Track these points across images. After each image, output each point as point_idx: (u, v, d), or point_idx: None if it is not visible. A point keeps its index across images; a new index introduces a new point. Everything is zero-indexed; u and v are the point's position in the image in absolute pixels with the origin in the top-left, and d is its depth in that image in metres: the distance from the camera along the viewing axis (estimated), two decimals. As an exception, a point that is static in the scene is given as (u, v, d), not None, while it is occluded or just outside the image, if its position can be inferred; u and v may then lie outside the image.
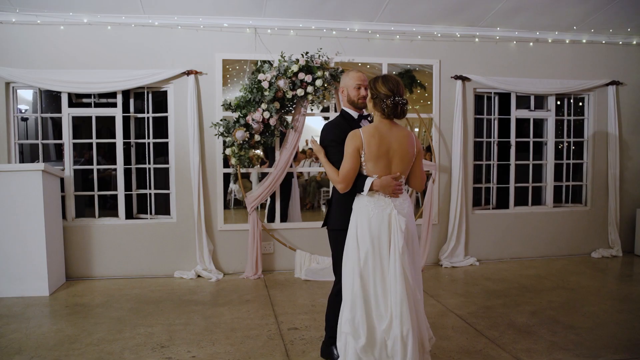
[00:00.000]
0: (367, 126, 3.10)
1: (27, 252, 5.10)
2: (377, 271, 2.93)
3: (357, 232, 3.01)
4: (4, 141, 5.58)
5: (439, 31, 6.24)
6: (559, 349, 3.74)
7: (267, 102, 5.52)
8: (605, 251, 6.79)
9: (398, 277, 2.85)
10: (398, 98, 2.96)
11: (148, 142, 5.99)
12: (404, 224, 2.93)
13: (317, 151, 3.30)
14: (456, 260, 6.34)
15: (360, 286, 2.94)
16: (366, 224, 2.98)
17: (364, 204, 3.03)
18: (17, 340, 3.93)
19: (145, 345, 3.85)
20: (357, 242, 2.99)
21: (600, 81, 6.72)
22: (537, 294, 5.14)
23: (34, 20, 5.48)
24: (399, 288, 2.84)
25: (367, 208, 3.00)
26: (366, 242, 2.95)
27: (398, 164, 3.03)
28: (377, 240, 2.94)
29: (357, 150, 2.99)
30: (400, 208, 3.00)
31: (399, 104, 2.97)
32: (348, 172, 3.01)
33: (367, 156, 2.99)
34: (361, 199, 3.06)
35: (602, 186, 6.89)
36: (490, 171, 6.76)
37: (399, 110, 2.98)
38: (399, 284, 2.85)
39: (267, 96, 5.49)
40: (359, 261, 2.96)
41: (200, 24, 5.76)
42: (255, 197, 5.75)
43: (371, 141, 2.98)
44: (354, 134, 3.01)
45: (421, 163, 3.17)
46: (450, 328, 4.19)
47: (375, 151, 2.98)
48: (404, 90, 3.05)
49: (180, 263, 5.89)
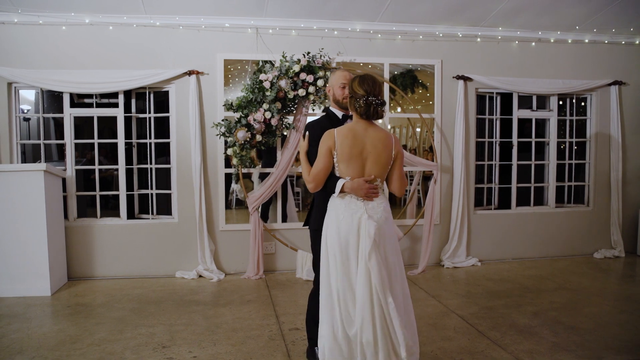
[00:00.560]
0: (342, 126, 3.02)
1: (29, 252, 5.11)
2: (345, 276, 2.85)
3: (327, 235, 2.95)
4: (6, 141, 5.59)
5: (441, 31, 6.23)
6: (561, 350, 3.73)
7: (269, 102, 5.51)
8: (608, 252, 6.77)
9: (360, 284, 2.79)
10: (372, 98, 2.87)
11: (150, 142, 6.00)
12: (372, 230, 2.80)
13: (301, 147, 3.23)
14: (458, 260, 6.33)
15: (330, 290, 2.90)
16: (335, 227, 2.90)
17: (335, 206, 2.95)
18: (18, 340, 3.94)
19: (147, 345, 3.85)
20: (327, 244, 2.93)
21: (602, 81, 6.71)
22: (539, 295, 5.12)
23: (36, 20, 5.49)
24: (359, 294, 2.78)
25: (338, 210, 2.92)
26: (334, 245, 2.88)
27: (372, 167, 2.93)
28: (345, 244, 2.85)
29: (330, 151, 2.92)
30: (373, 212, 2.88)
31: (372, 104, 2.87)
32: (318, 172, 2.95)
33: (340, 157, 2.91)
34: (333, 200, 2.98)
35: (605, 186, 6.87)
36: (492, 171, 6.75)
37: (371, 111, 2.89)
38: (359, 291, 2.78)
39: (269, 96, 5.49)
40: (327, 264, 2.91)
41: (201, 24, 5.76)
42: (257, 197, 5.75)
43: (344, 142, 2.89)
44: (328, 133, 2.94)
45: (401, 166, 3.05)
46: (452, 329, 4.19)
47: (348, 152, 2.90)
48: (381, 90, 2.95)
49: (181, 263, 5.89)
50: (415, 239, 6.32)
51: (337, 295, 2.87)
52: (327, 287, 2.91)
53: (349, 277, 2.85)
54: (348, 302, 2.84)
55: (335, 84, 3.33)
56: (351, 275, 2.84)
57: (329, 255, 2.91)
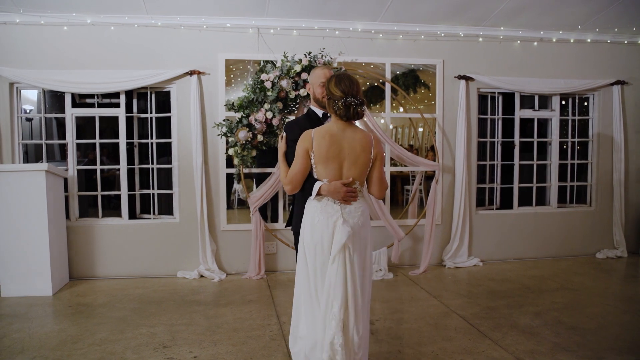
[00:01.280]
0: (320, 127, 2.93)
1: (31, 252, 5.12)
2: (318, 278, 2.83)
3: (303, 238, 2.92)
4: (8, 141, 5.60)
5: (443, 31, 6.22)
6: (562, 351, 3.72)
7: (270, 102, 5.51)
8: (610, 252, 6.75)
9: (326, 287, 2.79)
10: (350, 99, 2.77)
11: (151, 142, 6.00)
12: (345, 237, 2.74)
13: (280, 147, 3.15)
14: (459, 260, 6.32)
15: (302, 292, 2.90)
16: (309, 230, 2.87)
17: (312, 209, 2.90)
18: (19, 340, 3.94)
19: (148, 345, 3.85)
20: (304, 248, 2.90)
21: (605, 81, 6.69)
22: (540, 295, 5.11)
23: (38, 20, 5.50)
24: (323, 298, 2.80)
25: (314, 214, 2.87)
26: (310, 248, 2.85)
27: (350, 168, 2.85)
28: (320, 247, 2.81)
29: (307, 152, 2.84)
30: (350, 217, 2.82)
31: (351, 105, 2.78)
32: (295, 174, 2.87)
33: (317, 158, 2.83)
34: (310, 203, 2.92)
35: (607, 186, 6.85)
36: (494, 171, 6.74)
37: (351, 112, 2.80)
38: (324, 294, 2.80)
39: (270, 96, 5.48)
40: (305, 267, 2.89)
41: (203, 24, 5.76)
42: (258, 198, 5.75)
43: (321, 142, 2.81)
44: (305, 134, 2.86)
45: (380, 168, 2.96)
46: (453, 329, 4.18)
47: (325, 153, 2.81)
48: (359, 89, 2.83)
49: (183, 263, 5.89)
50: (416, 239, 6.31)
51: (310, 297, 2.87)
52: (306, 289, 2.89)
53: (322, 280, 2.82)
54: (322, 305, 2.83)
55: (315, 82, 3.26)
56: (323, 279, 2.82)
57: (306, 257, 2.88)
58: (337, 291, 2.75)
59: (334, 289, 2.76)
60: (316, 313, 2.84)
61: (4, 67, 5.48)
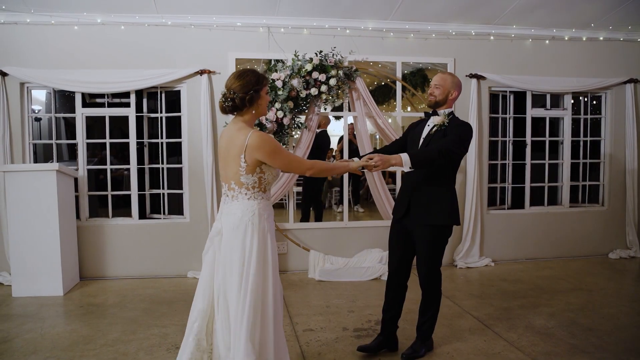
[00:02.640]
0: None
1: (42, 252, 5.11)
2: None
3: None
4: (19, 141, 5.60)
5: (454, 29, 6.17)
6: (579, 352, 3.67)
7: (281, 101, 5.48)
8: (623, 252, 6.68)
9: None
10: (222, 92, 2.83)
11: (161, 142, 5.98)
12: (211, 233, 2.90)
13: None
14: (471, 260, 6.27)
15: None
16: None
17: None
18: (32, 340, 3.93)
19: (160, 346, 3.83)
20: None
21: (617, 79, 6.62)
22: (554, 296, 5.06)
23: (48, 20, 5.49)
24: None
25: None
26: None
27: (223, 167, 2.89)
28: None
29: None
30: (225, 216, 2.84)
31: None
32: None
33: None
34: None
35: (620, 186, 6.78)
36: (505, 171, 6.68)
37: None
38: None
39: (281, 95, 5.45)
40: None
41: (213, 23, 5.74)
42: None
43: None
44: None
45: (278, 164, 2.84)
46: (467, 330, 4.14)
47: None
48: (231, 82, 2.79)
49: (193, 263, 5.87)
50: (427, 239, 6.26)
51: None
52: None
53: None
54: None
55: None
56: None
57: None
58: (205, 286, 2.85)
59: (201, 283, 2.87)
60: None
61: (15, 67, 5.48)
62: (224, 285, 2.75)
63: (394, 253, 3.65)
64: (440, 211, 3.45)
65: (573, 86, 6.52)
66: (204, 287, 2.86)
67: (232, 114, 2.83)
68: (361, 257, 5.90)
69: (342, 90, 5.83)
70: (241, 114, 2.81)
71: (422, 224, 3.46)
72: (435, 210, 3.44)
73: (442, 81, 3.55)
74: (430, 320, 3.61)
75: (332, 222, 7.02)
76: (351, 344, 3.84)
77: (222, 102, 2.79)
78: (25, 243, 5.10)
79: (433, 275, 3.53)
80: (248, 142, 2.68)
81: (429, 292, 3.57)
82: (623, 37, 6.55)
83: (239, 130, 2.76)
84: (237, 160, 2.73)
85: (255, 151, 2.69)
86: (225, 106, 2.78)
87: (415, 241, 3.52)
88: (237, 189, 2.77)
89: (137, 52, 5.70)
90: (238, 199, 2.77)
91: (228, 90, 2.76)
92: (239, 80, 2.75)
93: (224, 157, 2.83)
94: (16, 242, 5.11)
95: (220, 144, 2.90)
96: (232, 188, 2.79)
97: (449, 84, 3.55)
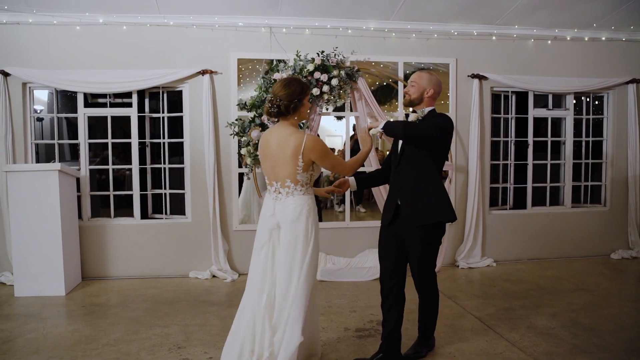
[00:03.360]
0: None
1: (44, 252, 5.12)
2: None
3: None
4: (21, 141, 5.61)
5: (456, 29, 6.17)
6: (581, 353, 3.66)
7: (283, 101, 5.47)
8: (625, 252, 6.67)
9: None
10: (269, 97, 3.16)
11: (163, 142, 5.99)
12: (268, 228, 3.14)
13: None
14: (473, 261, 6.27)
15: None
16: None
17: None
18: (34, 340, 3.94)
19: (162, 346, 3.83)
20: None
21: (620, 79, 6.61)
22: (556, 296, 5.05)
23: (51, 20, 5.50)
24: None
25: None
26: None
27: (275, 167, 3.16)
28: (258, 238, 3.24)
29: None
30: (280, 212, 3.12)
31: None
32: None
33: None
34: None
35: (622, 186, 6.78)
36: (507, 171, 6.68)
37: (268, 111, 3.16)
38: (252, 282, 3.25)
39: (283, 95, 5.44)
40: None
41: (215, 23, 5.74)
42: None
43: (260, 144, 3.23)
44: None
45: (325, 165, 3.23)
46: (469, 330, 4.13)
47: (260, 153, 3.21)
48: (278, 90, 3.09)
49: (195, 263, 5.88)
50: (429, 239, 6.25)
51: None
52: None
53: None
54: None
55: None
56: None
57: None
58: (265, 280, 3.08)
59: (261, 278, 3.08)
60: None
61: (17, 67, 5.49)
62: (289, 272, 3.03)
63: (385, 260, 3.49)
64: (430, 209, 3.31)
65: (575, 86, 6.52)
66: (262, 278, 3.11)
67: (275, 118, 3.14)
68: (363, 257, 5.90)
69: (344, 91, 5.83)
70: (286, 118, 3.12)
71: (414, 225, 3.31)
72: (425, 208, 3.30)
73: (417, 79, 3.38)
74: (431, 320, 3.58)
75: (334, 222, 7.02)
76: (353, 344, 3.84)
77: (268, 108, 3.10)
78: (28, 243, 5.10)
79: (429, 278, 3.43)
80: (305, 144, 3.02)
81: (427, 295, 3.50)
82: (625, 37, 6.55)
83: (291, 134, 3.06)
84: (294, 160, 3.04)
85: (310, 152, 3.05)
86: (271, 111, 3.10)
87: (408, 244, 3.37)
88: (293, 186, 3.09)
89: (139, 52, 5.71)
90: (294, 194, 3.10)
91: (275, 97, 3.06)
92: (285, 89, 3.06)
93: (276, 158, 3.10)
94: (18, 242, 5.12)
95: (266, 145, 3.14)
96: (287, 185, 3.09)
97: (424, 82, 3.36)
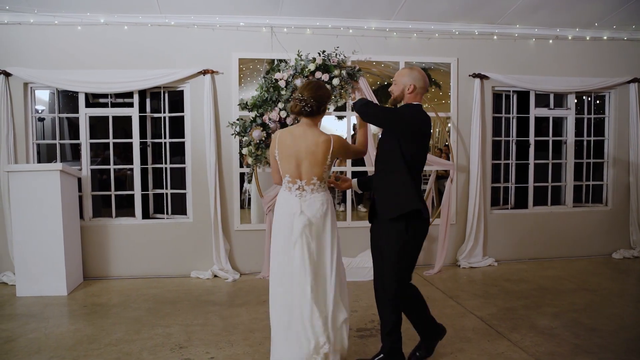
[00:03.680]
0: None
1: (46, 252, 5.13)
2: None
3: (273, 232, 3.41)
4: (23, 141, 5.62)
5: (457, 29, 6.16)
6: (583, 353, 3.66)
7: (284, 101, 5.48)
8: (627, 252, 6.66)
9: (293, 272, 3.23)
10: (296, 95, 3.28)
11: (164, 142, 5.99)
12: (301, 225, 3.15)
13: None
14: (474, 260, 6.26)
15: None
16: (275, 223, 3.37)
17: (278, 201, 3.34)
18: (36, 339, 3.95)
19: (164, 345, 3.83)
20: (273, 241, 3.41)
21: (621, 79, 6.60)
22: (558, 296, 5.05)
23: (52, 20, 5.50)
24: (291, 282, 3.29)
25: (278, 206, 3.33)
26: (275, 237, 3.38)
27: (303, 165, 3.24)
28: (282, 236, 3.28)
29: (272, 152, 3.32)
30: (308, 208, 3.19)
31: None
32: (272, 172, 3.50)
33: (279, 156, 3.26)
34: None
35: (624, 186, 6.77)
36: (508, 170, 6.67)
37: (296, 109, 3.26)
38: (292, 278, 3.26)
39: (284, 95, 5.45)
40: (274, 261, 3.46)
41: (216, 23, 5.74)
42: (272, 197, 5.72)
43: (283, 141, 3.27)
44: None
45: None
46: (471, 330, 4.13)
47: (285, 151, 3.24)
48: (313, 92, 3.22)
49: (196, 263, 5.88)
50: (431, 239, 6.25)
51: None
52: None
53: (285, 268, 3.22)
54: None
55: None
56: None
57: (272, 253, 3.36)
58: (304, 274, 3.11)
59: (299, 274, 3.12)
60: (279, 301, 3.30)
61: (19, 67, 5.50)
62: (326, 261, 3.18)
63: (375, 260, 3.47)
64: (396, 202, 3.19)
65: (576, 86, 6.51)
66: (301, 273, 3.14)
67: (302, 116, 3.25)
68: (364, 257, 5.88)
69: (345, 90, 5.82)
70: (312, 119, 3.25)
71: (385, 220, 3.24)
72: (392, 202, 3.21)
73: (399, 77, 3.34)
74: (418, 323, 3.46)
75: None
76: (354, 343, 3.84)
77: (301, 106, 3.20)
78: (29, 243, 5.11)
79: (391, 280, 3.23)
80: (334, 145, 3.19)
81: (388, 299, 3.30)
82: (627, 36, 6.54)
83: (320, 135, 3.20)
84: (324, 159, 3.18)
85: (338, 151, 3.25)
86: (302, 110, 3.21)
87: (381, 241, 3.30)
88: (319, 183, 3.22)
89: (140, 52, 5.71)
90: (319, 191, 3.23)
91: (309, 98, 3.19)
92: (318, 91, 3.23)
93: (303, 158, 3.18)
94: (20, 242, 5.12)
95: (290, 145, 3.20)
96: (313, 183, 3.20)
97: (404, 79, 3.31)
